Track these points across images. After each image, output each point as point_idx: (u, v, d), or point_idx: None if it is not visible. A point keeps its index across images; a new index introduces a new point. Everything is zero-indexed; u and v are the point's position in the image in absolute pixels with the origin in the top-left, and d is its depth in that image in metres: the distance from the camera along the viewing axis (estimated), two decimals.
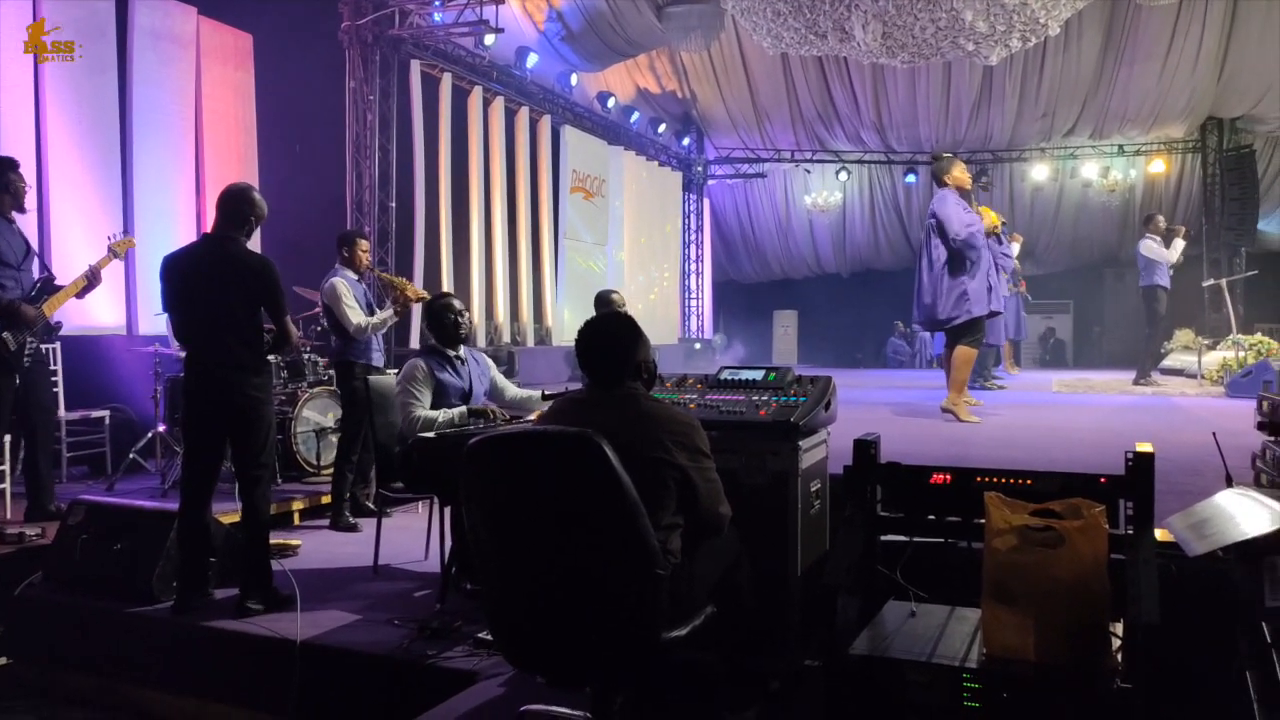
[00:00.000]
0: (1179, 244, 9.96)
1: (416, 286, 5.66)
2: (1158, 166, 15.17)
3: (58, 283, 5.00)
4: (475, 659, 3.27)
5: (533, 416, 4.20)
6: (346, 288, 5.38)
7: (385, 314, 5.41)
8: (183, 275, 3.90)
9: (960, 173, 6.96)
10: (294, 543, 4.92)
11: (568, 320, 12.51)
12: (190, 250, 3.98)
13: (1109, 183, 15.64)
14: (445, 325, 4.48)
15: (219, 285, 3.85)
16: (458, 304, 4.57)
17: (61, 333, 5.38)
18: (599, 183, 13.80)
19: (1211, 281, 12.17)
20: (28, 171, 5.19)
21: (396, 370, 5.45)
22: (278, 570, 4.08)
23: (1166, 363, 11.67)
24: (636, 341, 2.66)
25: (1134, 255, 10.32)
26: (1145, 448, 2.56)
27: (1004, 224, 8.55)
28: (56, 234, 6.76)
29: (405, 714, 2.99)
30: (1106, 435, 6.03)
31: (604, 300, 6.26)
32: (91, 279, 5.00)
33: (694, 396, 3.37)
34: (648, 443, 2.44)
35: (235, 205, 3.93)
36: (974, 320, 6.70)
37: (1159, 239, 9.92)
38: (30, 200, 5.15)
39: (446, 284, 10.39)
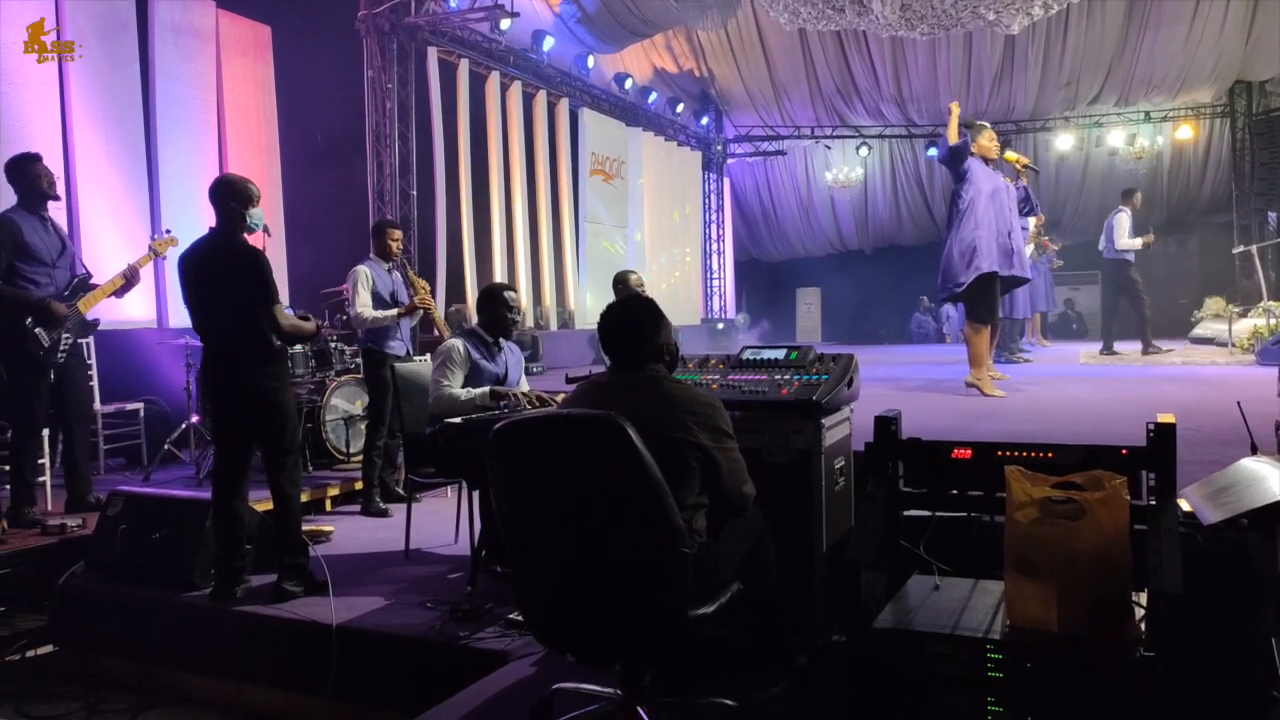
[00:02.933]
0: (1137, 241, 10.01)
1: (432, 299, 5.73)
2: (1185, 132, 14.92)
3: (93, 281, 5.06)
4: (506, 640, 3.33)
5: (557, 400, 4.24)
6: (366, 276, 5.44)
7: (388, 313, 5.43)
8: (190, 271, 4.01)
9: (987, 140, 6.89)
10: (327, 529, 5.01)
11: (590, 303, 12.55)
12: (195, 246, 4.07)
13: (1136, 150, 15.39)
14: (502, 317, 4.47)
15: (219, 278, 3.95)
16: (515, 300, 4.57)
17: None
18: (618, 164, 13.78)
19: (1242, 248, 12.00)
20: (55, 168, 5.23)
21: (424, 358, 5.52)
22: (311, 556, 4.16)
23: (1197, 331, 11.53)
24: (658, 324, 2.69)
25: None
26: (1167, 418, 2.55)
27: (1030, 170, 8.23)
28: (85, 229, 6.86)
29: (439, 694, 3.04)
30: (1133, 407, 5.98)
31: (621, 280, 6.29)
32: (130, 278, 5.08)
33: (716, 377, 3.38)
34: (670, 424, 2.46)
35: (217, 196, 4.01)
36: (985, 281, 6.62)
37: (1129, 213, 9.92)
38: (57, 191, 5.17)
39: (469, 269, 10.46)
